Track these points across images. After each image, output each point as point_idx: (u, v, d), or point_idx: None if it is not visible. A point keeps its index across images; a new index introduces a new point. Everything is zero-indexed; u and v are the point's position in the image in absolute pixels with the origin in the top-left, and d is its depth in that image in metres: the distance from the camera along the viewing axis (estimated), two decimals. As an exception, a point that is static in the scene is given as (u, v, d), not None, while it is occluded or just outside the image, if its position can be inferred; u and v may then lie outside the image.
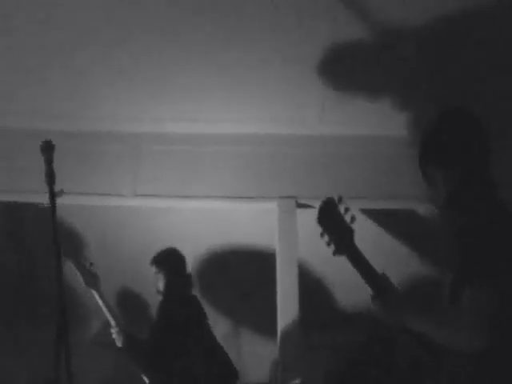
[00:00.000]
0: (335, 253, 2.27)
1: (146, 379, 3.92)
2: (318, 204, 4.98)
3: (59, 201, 2.85)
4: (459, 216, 2.24)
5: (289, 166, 5.00)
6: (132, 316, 5.81)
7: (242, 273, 6.00)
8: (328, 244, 2.27)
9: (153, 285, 4.12)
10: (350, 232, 2.27)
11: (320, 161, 5.02)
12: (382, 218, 5.48)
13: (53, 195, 2.66)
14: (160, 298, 4.04)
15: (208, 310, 6.43)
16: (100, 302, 3.94)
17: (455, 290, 2.12)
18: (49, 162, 2.68)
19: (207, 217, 5.46)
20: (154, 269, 4.10)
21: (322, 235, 2.28)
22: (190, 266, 5.89)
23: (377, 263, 5.52)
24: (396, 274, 5.97)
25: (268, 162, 5.00)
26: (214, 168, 4.95)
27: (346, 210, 2.26)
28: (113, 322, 3.89)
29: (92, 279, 3.96)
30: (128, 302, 6.30)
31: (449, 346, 2.10)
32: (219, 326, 6.75)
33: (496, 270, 2.06)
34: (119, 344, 3.83)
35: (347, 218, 2.26)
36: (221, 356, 4.05)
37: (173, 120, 4.82)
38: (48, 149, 2.69)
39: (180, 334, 3.78)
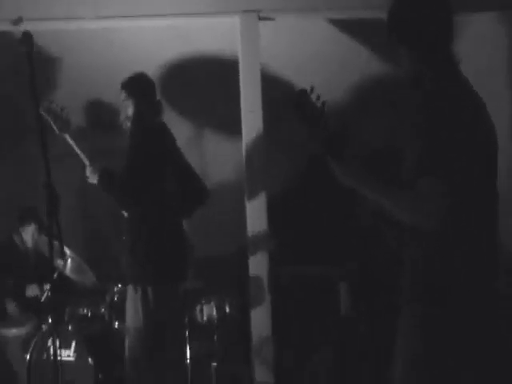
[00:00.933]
0: (310, 135, 2.44)
1: (124, 212, 4.05)
2: (280, 16, 5.05)
3: (18, 28, 2.82)
4: (423, 98, 2.31)
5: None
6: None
7: (205, 82, 6.05)
8: (303, 127, 2.44)
9: (122, 112, 4.03)
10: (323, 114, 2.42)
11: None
12: (347, 27, 5.51)
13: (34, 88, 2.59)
14: (128, 124, 3.98)
15: (171, 115, 6.61)
16: (73, 145, 3.95)
17: (412, 170, 2.23)
18: (30, 55, 2.63)
19: (169, 34, 5.40)
20: (122, 95, 3.99)
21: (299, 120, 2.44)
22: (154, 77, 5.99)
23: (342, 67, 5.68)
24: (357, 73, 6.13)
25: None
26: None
27: (318, 97, 2.42)
28: (87, 161, 3.92)
29: (65, 125, 3.93)
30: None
31: (399, 220, 2.28)
32: (183, 130, 6.93)
33: (452, 160, 2.19)
34: (95, 181, 3.85)
35: (319, 104, 2.43)
36: (192, 177, 4.17)
37: None
38: (28, 40, 2.66)
39: (152, 161, 3.80)
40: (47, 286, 4.62)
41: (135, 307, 3.76)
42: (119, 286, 4.59)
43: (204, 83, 6.07)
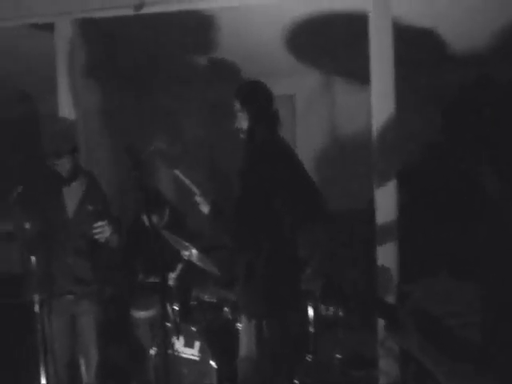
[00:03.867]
0: None
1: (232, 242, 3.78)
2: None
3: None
4: None
5: None
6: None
7: (335, 34, 5.80)
8: None
9: (236, 122, 3.73)
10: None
11: None
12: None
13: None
14: (242, 136, 3.71)
15: (302, 67, 6.36)
16: (184, 179, 3.72)
17: None
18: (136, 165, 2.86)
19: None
20: (236, 105, 3.69)
21: None
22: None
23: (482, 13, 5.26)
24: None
25: None
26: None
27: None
28: (197, 191, 3.71)
29: (174, 161, 3.74)
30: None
31: None
32: (312, 79, 6.69)
33: None
34: (205, 211, 3.66)
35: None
36: (311, 191, 3.74)
37: None
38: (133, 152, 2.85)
39: (268, 184, 3.51)
40: (174, 274, 4.67)
41: (248, 337, 3.63)
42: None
43: (333, 36, 5.85)
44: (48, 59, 5.27)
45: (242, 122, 3.68)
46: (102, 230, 4.08)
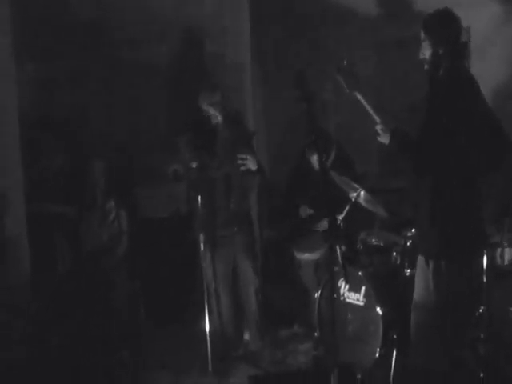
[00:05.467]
0: None
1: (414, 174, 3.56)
2: None
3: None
4: None
5: None
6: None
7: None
8: None
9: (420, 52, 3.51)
10: None
11: None
12: None
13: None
14: (426, 67, 3.48)
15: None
16: (364, 103, 3.54)
17: None
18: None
19: None
20: (422, 33, 3.48)
21: None
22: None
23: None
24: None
25: None
26: None
27: None
28: (378, 119, 3.53)
29: (355, 82, 3.50)
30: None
31: None
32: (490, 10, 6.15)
33: None
34: (386, 140, 3.49)
35: None
36: (496, 130, 3.39)
37: None
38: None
39: (455, 116, 3.28)
40: (340, 216, 4.50)
41: (425, 282, 3.43)
42: (412, 230, 4.31)
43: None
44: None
45: (426, 51, 3.49)
46: (246, 161, 4.52)
